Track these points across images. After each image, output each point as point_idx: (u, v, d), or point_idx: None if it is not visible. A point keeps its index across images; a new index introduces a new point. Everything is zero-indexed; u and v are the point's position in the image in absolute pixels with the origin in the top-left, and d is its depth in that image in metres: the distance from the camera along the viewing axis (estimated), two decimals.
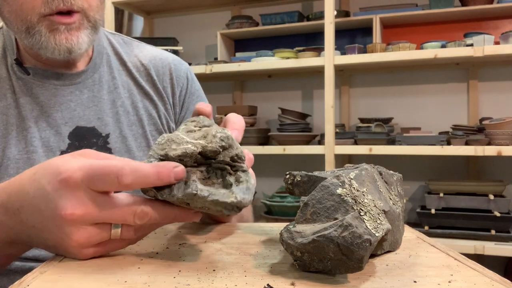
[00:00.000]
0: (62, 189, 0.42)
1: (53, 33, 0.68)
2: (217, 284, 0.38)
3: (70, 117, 0.76)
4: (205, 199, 0.42)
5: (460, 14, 2.20)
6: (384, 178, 0.50)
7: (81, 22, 0.70)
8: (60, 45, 0.69)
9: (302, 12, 2.52)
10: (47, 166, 0.45)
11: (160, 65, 0.87)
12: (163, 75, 0.86)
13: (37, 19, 0.68)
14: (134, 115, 0.82)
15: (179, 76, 0.88)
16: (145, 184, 0.42)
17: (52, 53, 0.69)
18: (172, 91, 0.87)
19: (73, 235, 0.43)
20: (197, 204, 0.43)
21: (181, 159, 0.43)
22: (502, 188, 2.02)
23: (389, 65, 2.30)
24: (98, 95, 0.79)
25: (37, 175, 0.45)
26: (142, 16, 2.85)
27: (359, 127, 2.19)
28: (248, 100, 2.68)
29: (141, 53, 0.87)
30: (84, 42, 0.71)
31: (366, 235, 0.37)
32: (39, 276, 0.40)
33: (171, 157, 0.43)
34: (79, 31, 0.70)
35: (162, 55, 0.89)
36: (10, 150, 0.72)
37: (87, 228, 0.43)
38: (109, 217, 0.43)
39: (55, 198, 0.43)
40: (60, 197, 0.42)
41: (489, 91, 2.27)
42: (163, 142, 0.44)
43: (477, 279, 0.39)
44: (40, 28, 0.68)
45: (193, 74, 0.93)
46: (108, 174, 0.42)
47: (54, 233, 0.44)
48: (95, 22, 0.72)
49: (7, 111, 0.73)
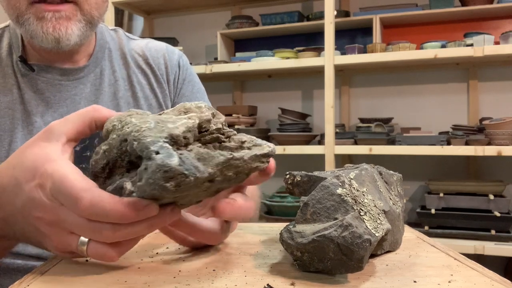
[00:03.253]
0: (36, 193, 0.42)
1: (40, 21, 0.69)
2: (217, 284, 0.38)
3: (75, 110, 0.77)
4: (242, 159, 0.39)
5: (460, 14, 2.20)
6: (384, 178, 0.50)
7: (73, 13, 0.70)
8: (48, 34, 0.69)
9: (302, 12, 2.52)
10: (25, 161, 0.43)
11: (155, 55, 0.89)
12: (159, 64, 0.88)
13: (25, 7, 0.68)
14: (134, 106, 0.84)
15: (172, 64, 0.90)
16: (105, 219, 0.39)
17: (41, 41, 0.70)
18: (167, 78, 0.89)
19: (48, 237, 0.42)
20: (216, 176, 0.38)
21: (185, 136, 0.39)
22: (502, 188, 2.02)
23: (389, 65, 2.30)
24: (99, 88, 0.81)
25: (16, 172, 0.44)
26: (142, 16, 2.85)
27: (359, 127, 2.18)
28: (248, 100, 2.68)
29: (137, 45, 0.89)
30: (74, 34, 0.70)
31: (366, 235, 0.37)
32: (39, 276, 0.40)
33: (176, 136, 0.38)
34: (69, 22, 0.70)
35: (156, 45, 0.91)
36: (16, 144, 0.73)
37: (58, 233, 0.42)
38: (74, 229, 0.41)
39: (31, 201, 0.42)
40: (34, 200, 0.42)
41: (489, 91, 2.27)
42: (152, 126, 0.38)
43: (477, 279, 0.39)
44: (28, 16, 0.69)
45: (187, 62, 0.94)
46: (69, 196, 0.39)
47: (33, 232, 0.43)
48: (90, 17, 0.72)
49: (13, 106, 0.74)
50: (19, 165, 0.44)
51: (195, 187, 0.37)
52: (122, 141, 0.40)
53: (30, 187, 0.42)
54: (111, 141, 0.41)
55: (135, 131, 0.38)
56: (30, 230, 0.44)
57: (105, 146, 0.42)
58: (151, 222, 0.39)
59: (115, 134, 0.41)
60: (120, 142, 0.40)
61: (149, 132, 0.38)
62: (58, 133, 0.44)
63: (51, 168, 0.41)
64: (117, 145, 0.41)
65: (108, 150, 0.42)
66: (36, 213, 0.42)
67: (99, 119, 0.45)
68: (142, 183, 0.37)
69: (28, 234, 0.44)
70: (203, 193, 0.41)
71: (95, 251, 0.40)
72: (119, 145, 0.40)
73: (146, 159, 0.36)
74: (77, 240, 0.41)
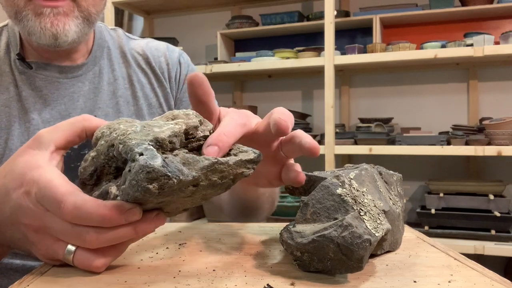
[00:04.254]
0: (23, 200, 0.42)
1: (39, 17, 0.69)
2: (217, 284, 0.38)
3: (73, 108, 0.77)
4: (227, 163, 0.39)
5: (460, 14, 2.20)
6: (384, 178, 0.50)
7: (70, 9, 0.70)
8: (45, 30, 0.69)
9: (302, 12, 2.52)
10: (15, 169, 0.44)
11: (156, 54, 0.89)
12: (160, 62, 0.88)
13: (23, 3, 0.69)
14: (134, 105, 0.83)
15: (173, 61, 0.90)
16: (89, 222, 0.39)
17: (39, 38, 0.70)
18: (169, 75, 0.89)
19: (35, 244, 0.42)
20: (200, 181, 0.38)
21: (171, 140, 0.39)
22: (502, 188, 2.02)
23: (389, 65, 2.30)
24: (98, 86, 0.81)
25: (6, 180, 0.44)
26: (142, 16, 2.85)
27: (359, 127, 2.18)
28: (248, 100, 2.68)
29: (137, 45, 0.89)
30: (72, 30, 0.71)
31: (366, 235, 0.37)
32: (39, 276, 0.40)
33: (162, 140, 0.38)
34: (66, 18, 0.70)
35: (157, 44, 0.91)
36: (12, 142, 0.73)
37: (45, 240, 0.42)
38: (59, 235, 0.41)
39: (18, 208, 0.42)
40: (21, 206, 0.42)
41: (489, 91, 2.27)
42: (138, 130, 0.39)
43: (477, 279, 0.39)
44: (27, 12, 0.69)
45: (188, 59, 0.94)
46: (53, 200, 0.40)
47: (22, 239, 0.44)
48: (88, 14, 0.73)
49: (10, 103, 0.74)
50: (10, 173, 0.44)
51: (179, 191, 0.37)
52: (109, 146, 0.40)
53: (18, 194, 0.42)
54: (99, 147, 0.42)
55: (121, 134, 0.39)
56: (19, 238, 0.44)
57: (94, 153, 0.42)
58: (134, 226, 0.39)
59: (103, 140, 0.41)
60: (107, 148, 0.41)
61: (135, 135, 0.38)
62: (47, 141, 0.44)
63: (37, 174, 0.41)
64: (104, 151, 0.41)
65: (96, 156, 0.42)
66: (24, 220, 0.42)
67: (89, 128, 0.45)
68: (125, 185, 0.37)
69: (18, 242, 0.45)
70: (188, 199, 0.40)
71: (81, 260, 0.40)
72: (106, 151, 0.41)
73: (131, 161, 0.37)
74: (64, 248, 0.41)
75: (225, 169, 0.39)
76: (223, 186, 0.41)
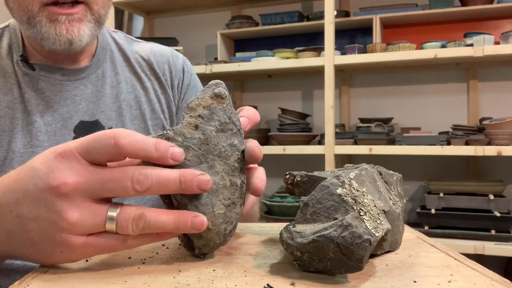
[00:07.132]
0: (55, 163, 0.40)
1: (53, 23, 0.69)
2: (217, 284, 0.38)
3: (75, 111, 0.77)
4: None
5: (460, 14, 2.20)
6: (384, 178, 0.50)
7: (84, 14, 0.70)
8: (61, 36, 0.69)
9: (302, 12, 2.52)
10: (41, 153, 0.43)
11: (160, 60, 0.89)
12: (164, 69, 0.88)
13: (37, 9, 0.68)
14: (137, 109, 0.83)
15: (177, 68, 0.90)
16: (143, 150, 0.40)
17: (53, 43, 0.70)
18: (172, 83, 0.89)
19: (64, 212, 0.39)
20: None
21: None
22: (502, 188, 2.02)
23: (389, 65, 2.30)
24: (101, 89, 0.81)
25: (30, 162, 0.42)
26: (142, 16, 2.85)
27: (359, 127, 2.19)
28: (248, 100, 2.68)
29: (141, 49, 0.89)
30: (86, 35, 0.71)
31: (366, 235, 0.37)
32: (39, 276, 0.40)
33: None
34: (81, 23, 0.70)
35: (161, 49, 0.91)
36: (15, 144, 0.73)
37: (80, 205, 0.40)
38: (104, 184, 0.40)
39: (46, 173, 0.40)
40: (51, 171, 0.40)
41: (489, 91, 2.27)
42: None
43: (477, 279, 0.39)
44: (41, 18, 0.69)
45: (191, 67, 0.95)
46: (102, 137, 0.40)
47: (41, 217, 0.40)
48: (99, 16, 0.73)
49: (13, 105, 0.74)
50: (34, 158, 0.43)
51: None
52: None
53: (48, 162, 0.40)
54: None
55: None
56: (37, 216, 0.40)
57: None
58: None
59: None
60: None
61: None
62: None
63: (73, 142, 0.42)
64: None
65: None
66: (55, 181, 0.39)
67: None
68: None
69: (33, 224, 0.41)
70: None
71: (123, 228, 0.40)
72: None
73: None
74: (105, 211, 0.40)
75: None
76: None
